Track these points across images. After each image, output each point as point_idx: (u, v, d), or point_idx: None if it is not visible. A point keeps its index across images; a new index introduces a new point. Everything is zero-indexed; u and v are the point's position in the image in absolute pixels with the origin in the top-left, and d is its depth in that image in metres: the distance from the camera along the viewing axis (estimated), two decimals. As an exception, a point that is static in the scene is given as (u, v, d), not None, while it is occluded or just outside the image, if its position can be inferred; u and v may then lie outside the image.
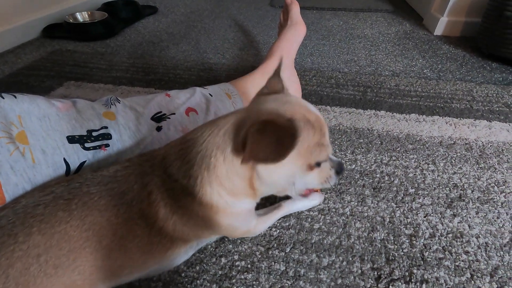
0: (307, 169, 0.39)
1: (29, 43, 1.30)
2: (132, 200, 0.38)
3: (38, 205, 0.36)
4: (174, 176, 0.39)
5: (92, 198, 0.37)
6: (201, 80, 1.01)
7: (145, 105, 0.54)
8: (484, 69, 1.11)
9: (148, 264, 0.42)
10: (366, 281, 0.46)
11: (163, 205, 0.39)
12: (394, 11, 1.77)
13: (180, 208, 0.40)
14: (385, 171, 0.66)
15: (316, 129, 0.37)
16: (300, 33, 0.80)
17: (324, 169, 0.42)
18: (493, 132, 0.77)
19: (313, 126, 0.37)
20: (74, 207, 0.36)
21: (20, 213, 0.35)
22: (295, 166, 0.38)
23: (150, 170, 0.40)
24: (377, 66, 1.14)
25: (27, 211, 0.35)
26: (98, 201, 0.37)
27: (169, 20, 1.60)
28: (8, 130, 0.38)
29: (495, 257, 0.49)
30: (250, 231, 0.49)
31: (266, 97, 0.41)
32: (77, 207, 0.36)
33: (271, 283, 0.46)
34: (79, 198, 0.37)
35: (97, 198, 0.37)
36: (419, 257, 0.49)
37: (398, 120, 0.82)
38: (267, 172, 0.38)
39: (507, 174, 0.65)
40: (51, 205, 0.36)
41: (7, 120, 0.39)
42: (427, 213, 0.56)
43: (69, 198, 0.37)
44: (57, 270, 0.34)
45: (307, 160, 0.38)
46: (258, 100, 0.42)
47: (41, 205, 0.36)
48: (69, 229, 0.35)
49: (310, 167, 0.39)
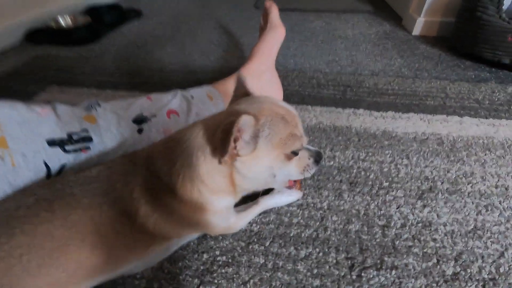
0: (285, 159, 0.42)
1: (10, 49, 1.29)
2: (114, 198, 0.40)
3: (20, 207, 0.37)
4: (157, 173, 0.41)
5: (75, 198, 0.38)
6: (186, 82, 1.02)
7: (127, 108, 0.55)
8: (458, 67, 1.16)
9: (130, 260, 0.44)
10: (340, 270, 0.49)
11: (144, 202, 0.41)
12: (375, 12, 1.82)
13: (161, 206, 0.41)
14: (362, 167, 0.69)
15: (288, 122, 0.40)
16: (279, 35, 0.83)
17: (303, 158, 0.45)
18: (464, 127, 0.81)
19: (283, 119, 0.40)
20: (57, 207, 0.37)
21: (2, 216, 0.36)
22: (272, 158, 0.41)
23: (133, 169, 0.42)
24: (358, 66, 1.18)
25: (9, 214, 0.36)
26: (82, 200, 0.39)
27: (154, 23, 1.61)
28: (-11, 135, 0.39)
29: (460, 243, 0.53)
30: (230, 228, 0.51)
31: (239, 100, 0.44)
32: (60, 207, 0.37)
33: (251, 275, 0.48)
34: (62, 199, 0.38)
35: (80, 198, 0.39)
36: (390, 246, 0.52)
37: (375, 118, 0.85)
38: (245, 166, 0.40)
39: (474, 166, 0.69)
40: (34, 206, 0.37)
41: (-12, 125, 0.40)
42: (399, 205, 0.60)
43: (52, 199, 0.38)
44: (40, 269, 0.35)
45: (282, 151, 0.41)
46: (233, 103, 0.46)
47: (23, 207, 0.37)
48: (52, 228, 0.36)
49: (287, 157, 0.42)
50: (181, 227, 0.45)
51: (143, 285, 0.47)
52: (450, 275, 0.48)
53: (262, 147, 0.39)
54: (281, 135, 0.40)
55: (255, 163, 0.40)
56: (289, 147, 0.41)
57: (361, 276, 0.48)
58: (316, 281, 0.48)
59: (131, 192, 0.40)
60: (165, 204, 0.41)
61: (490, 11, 1.06)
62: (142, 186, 0.41)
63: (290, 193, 0.59)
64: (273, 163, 0.42)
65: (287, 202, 0.59)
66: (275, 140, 0.40)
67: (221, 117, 0.41)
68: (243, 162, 0.40)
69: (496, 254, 0.51)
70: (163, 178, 0.41)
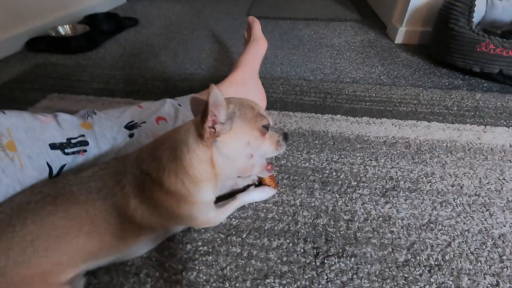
0: (259, 134, 0.49)
1: (12, 57, 1.36)
2: (107, 194, 0.46)
3: (30, 202, 0.44)
4: (146, 170, 0.48)
5: (73, 195, 0.45)
6: (177, 90, 1.09)
7: (119, 115, 0.62)
8: (434, 74, 1.24)
9: (121, 248, 0.50)
10: (306, 258, 0.56)
11: (134, 197, 0.47)
12: (362, 21, 1.90)
13: (148, 199, 0.48)
14: (334, 168, 0.76)
15: (253, 107, 0.49)
16: (262, 48, 0.90)
17: (273, 136, 0.53)
18: (431, 132, 0.88)
19: (249, 105, 0.49)
20: (59, 202, 0.44)
21: (15, 209, 0.43)
22: (248, 133, 0.48)
23: (123, 169, 0.49)
24: (340, 73, 1.25)
25: (22, 207, 0.43)
26: (79, 197, 0.45)
27: (150, 32, 1.68)
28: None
29: (414, 235, 0.60)
30: (209, 221, 0.58)
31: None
32: (62, 202, 0.44)
33: (228, 263, 0.55)
34: (63, 195, 0.45)
35: (78, 195, 0.45)
36: (352, 237, 0.59)
37: (351, 123, 0.92)
38: (225, 145, 0.47)
39: (435, 167, 0.76)
40: (41, 201, 0.44)
41: (-2, 132, 0.47)
42: (364, 202, 0.67)
43: (55, 195, 0.45)
44: (47, 252, 0.42)
45: (255, 126, 0.49)
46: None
47: (33, 201, 0.44)
48: (55, 219, 0.43)
49: (260, 132, 0.49)
50: (165, 219, 0.52)
51: (133, 271, 0.54)
52: (402, 261, 0.55)
53: (237, 125, 0.47)
54: (250, 114, 0.49)
55: (234, 140, 0.47)
56: (260, 123, 0.49)
57: (324, 263, 0.55)
58: (285, 267, 0.54)
59: (122, 188, 0.47)
60: (152, 196, 0.48)
61: (461, 23, 1.15)
62: (132, 183, 0.48)
63: (264, 189, 0.66)
64: (250, 138, 0.49)
65: (262, 198, 0.66)
66: (247, 118, 0.48)
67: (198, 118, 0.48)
68: (223, 142, 0.46)
69: (444, 244, 0.58)
70: (152, 174, 0.47)
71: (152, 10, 2.05)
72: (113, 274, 0.53)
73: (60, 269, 0.43)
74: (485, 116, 0.95)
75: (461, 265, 0.54)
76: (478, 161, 0.77)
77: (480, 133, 0.88)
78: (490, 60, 1.11)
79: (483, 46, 1.10)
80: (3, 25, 1.35)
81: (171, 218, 0.52)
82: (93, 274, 0.53)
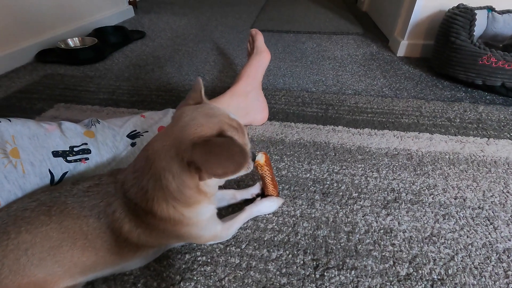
0: None
1: (22, 68, 1.40)
2: (99, 213, 0.45)
3: (26, 209, 0.44)
4: (133, 200, 0.45)
5: (67, 207, 0.44)
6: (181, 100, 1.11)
7: (122, 125, 0.63)
8: (436, 87, 1.25)
9: (118, 263, 0.50)
10: (306, 270, 0.55)
11: (128, 221, 0.45)
12: (364, 34, 1.93)
13: (143, 223, 0.46)
14: (335, 179, 0.75)
15: (239, 131, 0.46)
16: (265, 59, 0.92)
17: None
18: (433, 143, 0.88)
19: (236, 129, 0.45)
20: (53, 213, 0.43)
21: (12, 215, 0.43)
22: None
23: (114, 191, 0.46)
24: (342, 85, 1.26)
25: (17, 214, 0.43)
26: (72, 211, 0.44)
27: (156, 44, 1.72)
28: (3, 147, 0.47)
29: (416, 248, 0.59)
30: (217, 236, 0.57)
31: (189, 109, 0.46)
32: (56, 213, 0.43)
33: (226, 273, 0.54)
34: (57, 206, 0.44)
35: (70, 208, 0.44)
36: (353, 249, 0.58)
37: (352, 134, 0.92)
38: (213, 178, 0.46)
39: (438, 179, 0.75)
40: (36, 210, 0.44)
41: (3, 139, 0.47)
42: (365, 213, 0.66)
43: (50, 205, 0.44)
44: (41, 262, 0.42)
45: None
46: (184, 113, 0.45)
47: (28, 209, 0.44)
48: (49, 230, 0.42)
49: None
50: (165, 239, 0.51)
51: (132, 281, 0.53)
52: (403, 275, 0.54)
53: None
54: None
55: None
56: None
57: (324, 276, 0.54)
58: (284, 279, 0.54)
59: (113, 212, 0.45)
60: (147, 221, 0.46)
61: (463, 36, 1.16)
62: (124, 208, 0.45)
63: (272, 200, 0.66)
64: None
65: (271, 209, 0.65)
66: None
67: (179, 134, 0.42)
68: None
69: (447, 257, 0.57)
70: (141, 204, 0.44)
71: (159, 24, 2.11)
72: (111, 283, 0.53)
73: (56, 279, 0.43)
74: (488, 129, 0.95)
75: (465, 280, 0.53)
76: (482, 174, 0.77)
77: (483, 145, 0.87)
78: (492, 73, 1.11)
79: (485, 59, 1.10)
80: (15, 37, 1.40)
81: (172, 238, 0.51)
82: (91, 283, 0.52)
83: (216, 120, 0.44)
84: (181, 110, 0.46)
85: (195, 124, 0.42)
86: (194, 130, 0.42)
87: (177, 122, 0.44)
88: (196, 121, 0.43)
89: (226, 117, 0.45)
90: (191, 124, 0.42)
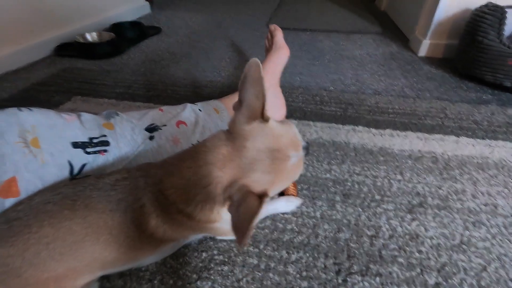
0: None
1: (41, 61, 1.42)
2: (126, 208, 0.43)
3: (49, 202, 0.42)
4: (172, 200, 0.43)
5: (92, 201, 0.43)
6: (196, 96, 1.10)
7: (140, 118, 0.62)
8: (460, 88, 1.19)
9: (139, 258, 0.49)
10: (327, 274, 0.52)
11: (155, 216, 0.44)
12: (383, 33, 1.88)
13: (171, 220, 0.45)
14: (356, 180, 0.72)
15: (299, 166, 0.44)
16: (284, 56, 0.89)
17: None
18: (460, 147, 0.84)
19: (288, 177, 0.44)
20: (77, 207, 0.42)
21: (34, 208, 0.42)
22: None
23: (144, 185, 0.45)
24: (361, 85, 1.23)
25: (39, 207, 0.42)
26: (97, 205, 0.43)
27: (172, 40, 1.72)
28: (24, 136, 0.46)
29: (444, 256, 0.55)
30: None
31: (255, 137, 0.41)
32: (80, 207, 0.42)
33: (244, 274, 0.53)
34: (82, 200, 0.43)
35: (96, 202, 0.43)
36: (377, 255, 0.56)
37: (373, 135, 0.89)
38: None
39: (466, 184, 0.71)
40: (59, 203, 0.42)
41: (24, 128, 0.47)
42: (389, 217, 0.63)
43: (74, 199, 0.43)
44: (62, 256, 0.40)
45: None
46: (248, 140, 0.41)
47: (51, 203, 0.42)
48: (72, 225, 0.41)
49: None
50: (190, 233, 0.50)
51: (147, 277, 0.52)
52: (432, 284, 0.51)
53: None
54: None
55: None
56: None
57: (347, 281, 0.51)
58: (304, 283, 0.51)
59: (141, 207, 0.44)
60: (176, 219, 0.45)
61: (491, 36, 1.10)
62: (154, 203, 0.44)
63: (289, 199, 0.64)
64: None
65: (288, 209, 0.63)
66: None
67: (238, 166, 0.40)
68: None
69: (478, 268, 0.53)
70: (180, 205, 0.43)
71: (175, 20, 2.10)
72: (127, 279, 0.52)
73: (75, 275, 0.42)
74: (519, 133, 0.90)
75: (499, 293, 0.50)
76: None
77: (514, 150, 0.82)
78: (522, 75, 1.05)
79: (515, 59, 1.05)
80: (35, 31, 1.41)
81: (196, 231, 0.50)
82: (107, 277, 0.51)
83: (275, 172, 0.41)
84: (246, 131, 0.42)
85: (255, 171, 0.40)
86: (251, 179, 0.39)
87: (240, 151, 0.41)
88: (257, 168, 0.40)
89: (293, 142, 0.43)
90: (251, 168, 0.40)
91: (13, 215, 0.40)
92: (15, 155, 0.44)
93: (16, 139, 0.45)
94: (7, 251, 0.37)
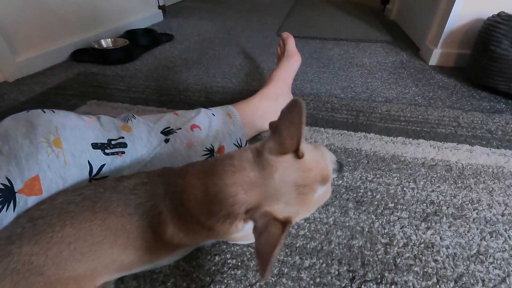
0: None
1: (58, 66, 1.46)
2: (143, 213, 0.44)
3: (71, 203, 0.43)
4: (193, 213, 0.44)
5: (111, 204, 0.43)
6: (209, 102, 1.11)
7: (156, 121, 0.63)
8: (473, 97, 1.18)
9: (154, 261, 0.49)
10: (341, 281, 0.52)
11: (172, 225, 0.44)
12: (393, 42, 1.89)
13: (188, 229, 0.45)
14: (369, 187, 0.72)
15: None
16: (296, 63, 0.90)
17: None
18: (474, 156, 0.83)
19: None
20: (98, 209, 0.43)
21: (57, 208, 0.42)
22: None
23: (164, 193, 0.45)
24: (372, 92, 1.23)
25: (62, 207, 0.43)
26: (116, 208, 0.43)
27: (184, 47, 1.75)
28: (47, 137, 0.47)
29: (461, 266, 0.54)
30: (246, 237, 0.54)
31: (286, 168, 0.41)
32: (100, 210, 0.43)
33: (257, 279, 0.52)
34: (102, 203, 0.43)
35: (115, 205, 0.43)
36: (391, 263, 0.55)
37: (385, 142, 0.89)
38: None
39: (482, 193, 0.70)
40: (80, 204, 0.43)
41: (47, 129, 0.48)
42: (403, 225, 0.62)
43: (94, 201, 0.43)
44: (82, 257, 0.41)
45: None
46: (277, 171, 0.41)
47: (73, 203, 0.43)
48: (92, 226, 0.42)
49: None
50: (206, 241, 0.51)
51: (161, 279, 0.52)
52: (449, 295, 0.50)
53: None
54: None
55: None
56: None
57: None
58: (318, 290, 0.51)
59: (159, 214, 0.44)
60: (194, 229, 0.45)
61: (504, 45, 1.10)
62: (172, 212, 0.44)
63: None
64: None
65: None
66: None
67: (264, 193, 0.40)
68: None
69: (497, 279, 0.52)
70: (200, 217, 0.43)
71: (187, 27, 2.15)
72: (140, 280, 0.52)
73: (94, 275, 0.42)
74: (535, 143, 0.88)
75: (519, 305, 0.48)
76: (531, 190, 0.71)
77: (530, 160, 0.81)
78: (537, 84, 1.04)
79: (530, 69, 1.04)
80: (52, 37, 1.46)
81: (211, 239, 0.51)
82: (121, 279, 0.52)
83: (300, 204, 0.41)
84: (276, 162, 0.41)
85: (279, 202, 0.40)
86: (274, 208, 0.40)
87: (267, 179, 0.41)
88: (282, 199, 0.40)
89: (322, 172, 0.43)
90: (276, 199, 0.40)
91: (37, 214, 0.41)
92: (38, 154, 0.46)
93: (39, 139, 0.47)
94: (31, 249, 0.38)
